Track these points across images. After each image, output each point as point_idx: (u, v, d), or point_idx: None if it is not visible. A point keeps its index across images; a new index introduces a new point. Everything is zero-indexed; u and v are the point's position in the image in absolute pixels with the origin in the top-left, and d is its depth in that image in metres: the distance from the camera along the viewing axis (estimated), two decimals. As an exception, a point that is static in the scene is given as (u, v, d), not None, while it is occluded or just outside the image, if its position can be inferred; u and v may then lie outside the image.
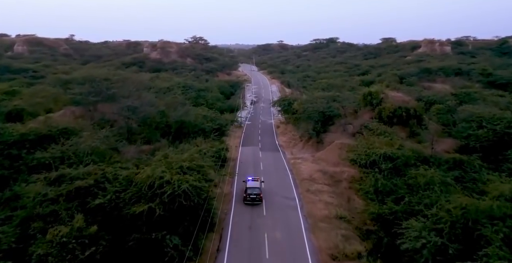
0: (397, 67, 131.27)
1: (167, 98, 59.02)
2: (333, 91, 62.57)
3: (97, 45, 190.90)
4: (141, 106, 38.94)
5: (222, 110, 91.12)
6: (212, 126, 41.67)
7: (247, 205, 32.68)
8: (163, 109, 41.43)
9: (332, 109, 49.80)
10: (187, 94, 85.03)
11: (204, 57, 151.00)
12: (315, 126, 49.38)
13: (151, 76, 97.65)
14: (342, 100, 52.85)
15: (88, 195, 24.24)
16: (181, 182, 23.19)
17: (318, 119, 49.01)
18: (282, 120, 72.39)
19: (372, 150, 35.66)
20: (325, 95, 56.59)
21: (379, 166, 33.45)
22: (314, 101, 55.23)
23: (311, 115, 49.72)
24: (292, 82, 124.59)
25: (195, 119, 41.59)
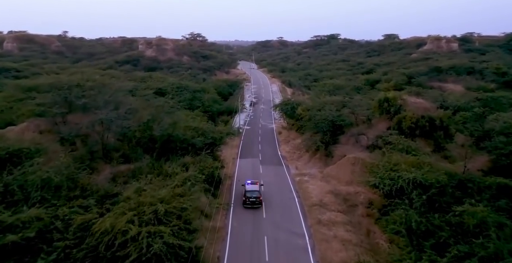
0: (403, 65, 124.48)
1: (157, 103, 52.42)
2: (341, 95, 55.71)
3: (91, 42, 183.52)
4: (118, 118, 32.19)
5: (220, 112, 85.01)
6: (204, 141, 34.90)
7: (246, 248, 26.18)
8: (146, 121, 34.65)
9: (344, 117, 43.07)
10: (181, 95, 78.40)
11: (202, 55, 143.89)
12: (324, 137, 42.69)
13: (143, 75, 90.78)
14: (353, 106, 46.08)
15: (27, 251, 17.66)
16: (153, 239, 16.63)
17: (327, 129, 42.28)
18: (284, 125, 65.75)
19: (398, 173, 28.98)
20: (334, 100, 49.83)
21: (408, 196, 26.81)
22: (321, 107, 48.54)
23: (318, 125, 42.99)
24: (293, 81, 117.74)
25: (184, 132, 34.82)
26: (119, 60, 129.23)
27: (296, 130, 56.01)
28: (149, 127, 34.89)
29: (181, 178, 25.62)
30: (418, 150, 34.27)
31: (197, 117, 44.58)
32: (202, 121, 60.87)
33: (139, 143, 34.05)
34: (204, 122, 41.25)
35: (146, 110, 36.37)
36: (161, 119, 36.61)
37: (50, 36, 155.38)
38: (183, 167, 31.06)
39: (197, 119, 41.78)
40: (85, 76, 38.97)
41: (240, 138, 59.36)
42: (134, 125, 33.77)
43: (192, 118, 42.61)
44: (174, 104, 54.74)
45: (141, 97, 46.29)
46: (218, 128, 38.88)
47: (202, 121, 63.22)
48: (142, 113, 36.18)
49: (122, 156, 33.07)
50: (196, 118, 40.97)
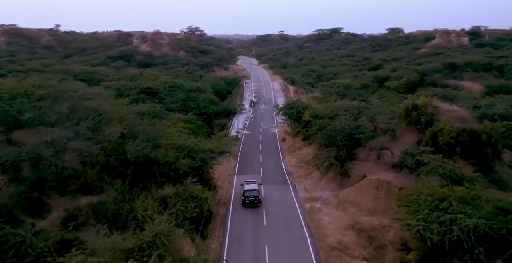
0: (412, 60, 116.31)
1: (141, 109, 44.56)
2: (352, 98, 47.64)
3: (85, 36, 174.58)
4: (77, 136, 24.33)
5: (217, 113, 77.09)
6: (190, 165, 27.00)
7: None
8: (116, 139, 26.79)
9: (363, 129, 35.09)
10: (174, 96, 70.43)
11: (199, 50, 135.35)
12: (339, 152, 34.80)
13: (133, 73, 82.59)
14: (373, 114, 38.14)
15: None
16: None
17: (344, 143, 34.38)
18: (288, 130, 57.94)
19: (448, 215, 21.16)
20: (348, 105, 41.85)
21: (471, 255, 19.01)
22: (333, 114, 40.62)
23: (332, 137, 35.08)
24: (296, 78, 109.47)
25: (166, 152, 26.93)
26: (112, 55, 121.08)
27: (303, 139, 48.12)
28: (120, 146, 27.03)
29: (150, 235, 17.88)
30: (465, 176, 26.39)
31: (185, 130, 36.48)
32: (197, 133, 54.50)
33: (107, 167, 26.21)
34: (193, 136, 32.98)
35: (127, 120, 28.53)
36: (138, 133, 28.74)
37: (40, 30, 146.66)
38: (160, 204, 23.31)
39: (184, 133, 33.56)
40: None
41: (238, 146, 51.56)
42: (102, 145, 25.88)
43: (178, 131, 34.41)
44: (161, 110, 47.00)
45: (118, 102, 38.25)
46: (210, 145, 30.71)
47: (198, 129, 56.60)
48: (113, 127, 28.24)
49: (84, 184, 25.27)
50: (183, 132, 32.69)
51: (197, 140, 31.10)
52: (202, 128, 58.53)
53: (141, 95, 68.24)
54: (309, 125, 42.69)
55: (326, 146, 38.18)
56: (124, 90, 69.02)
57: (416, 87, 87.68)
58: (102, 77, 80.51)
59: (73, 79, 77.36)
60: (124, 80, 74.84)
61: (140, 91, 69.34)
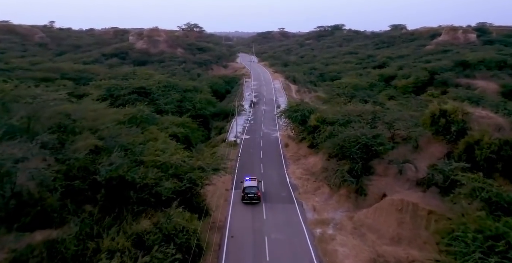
0: (419, 58, 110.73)
1: (126, 112, 39.32)
2: (370, 104, 42.01)
3: (81, 33, 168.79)
4: (31, 153, 19.00)
5: (215, 114, 71.81)
6: (176, 187, 21.63)
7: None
8: (86, 155, 21.47)
9: (382, 139, 29.69)
10: (168, 96, 65.08)
11: (197, 47, 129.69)
12: (353, 166, 29.48)
13: (127, 71, 77.18)
14: (391, 121, 32.78)
15: None
16: None
17: (360, 156, 29.05)
18: (291, 134, 52.66)
19: None
20: (361, 109, 36.43)
21: None
22: (344, 119, 35.26)
23: (346, 148, 29.76)
24: (298, 77, 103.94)
25: (146, 172, 21.56)
26: (106, 53, 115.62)
27: (309, 147, 42.79)
28: (91, 164, 21.75)
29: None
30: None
31: (172, 141, 30.98)
32: (192, 137, 49.27)
33: (72, 191, 20.92)
34: (181, 148, 27.28)
35: (104, 130, 23.22)
36: (115, 147, 23.43)
37: (34, 27, 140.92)
38: (135, 243, 18.04)
39: (171, 145, 28.00)
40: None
41: (237, 153, 46.29)
42: (68, 163, 20.60)
43: (165, 142, 28.86)
44: (150, 114, 41.70)
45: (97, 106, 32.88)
46: (201, 162, 25.14)
47: (193, 133, 51.29)
48: (83, 141, 22.90)
49: (41, 214, 20.02)
50: (169, 146, 27.01)
51: (186, 154, 25.66)
52: (197, 131, 53.35)
53: (133, 95, 63.05)
54: (316, 131, 37.24)
55: (337, 156, 32.86)
56: (115, 90, 63.89)
57: (425, 86, 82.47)
58: (92, 76, 75.17)
59: (61, 78, 72.40)
60: (116, 79, 69.64)
61: (131, 91, 64.15)
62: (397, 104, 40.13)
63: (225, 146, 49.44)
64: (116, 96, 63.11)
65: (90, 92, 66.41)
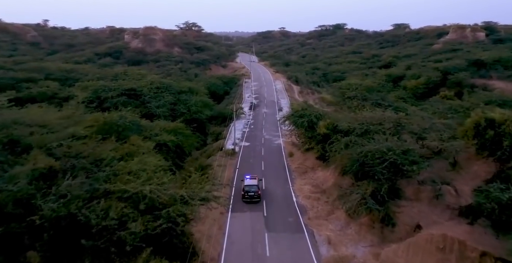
0: (427, 57, 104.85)
1: (103, 118, 33.54)
2: (385, 108, 36.11)
3: (76, 32, 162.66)
4: None
5: (211, 117, 65.79)
6: (148, 231, 15.52)
7: None
8: (24, 185, 15.57)
9: (415, 155, 23.56)
10: (160, 99, 59.11)
11: (195, 46, 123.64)
12: (379, 188, 23.50)
13: (117, 71, 71.18)
14: (420, 131, 26.80)
15: None
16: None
17: (387, 176, 23.06)
18: (295, 141, 46.81)
19: None
20: (381, 116, 30.39)
21: None
22: (363, 128, 29.26)
23: (368, 167, 23.79)
24: (301, 77, 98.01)
25: (105, 210, 15.47)
26: (100, 52, 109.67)
27: (318, 158, 36.84)
28: (34, 196, 15.83)
29: None
30: None
31: (152, 159, 24.94)
32: (185, 144, 43.31)
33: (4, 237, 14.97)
34: (161, 173, 21.02)
35: (61, 147, 17.39)
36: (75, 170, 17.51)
37: (26, 25, 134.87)
38: None
39: (149, 166, 21.69)
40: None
41: (235, 164, 40.39)
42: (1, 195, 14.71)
43: (140, 161, 22.59)
44: (134, 121, 35.70)
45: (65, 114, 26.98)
46: (185, 191, 18.73)
47: (187, 140, 45.23)
48: (32, 161, 16.98)
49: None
50: (147, 166, 20.96)
51: (167, 178, 19.57)
52: (192, 138, 47.40)
53: (122, 98, 57.10)
54: (329, 143, 31.21)
55: (354, 173, 26.89)
56: (102, 92, 57.92)
57: (438, 87, 76.62)
58: (80, 76, 69.29)
59: (45, 78, 66.48)
60: (105, 80, 63.72)
61: (120, 93, 58.17)
62: (422, 109, 34.09)
63: (221, 155, 43.56)
64: (103, 99, 57.21)
65: (75, 94, 60.93)
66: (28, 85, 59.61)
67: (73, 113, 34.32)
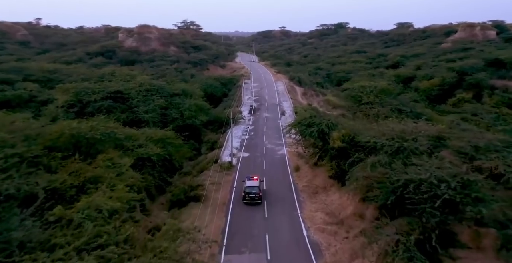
0: (437, 57, 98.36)
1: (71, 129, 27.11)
2: (406, 115, 29.55)
3: (69, 31, 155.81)
4: None
5: (208, 122, 59.18)
6: None
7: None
8: None
9: (477, 190, 16.94)
10: (150, 102, 52.60)
11: (192, 46, 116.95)
12: (427, 233, 16.89)
13: (105, 71, 64.53)
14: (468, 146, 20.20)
15: None
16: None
17: (438, 219, 16.45)
18: (301, 151, 40.34)
19: None
20: (413, 129, 23.68)
21: None
22: (393, 144, 22.65)
23: (412, 204, 17.18)
24: (304, 78, 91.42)
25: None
26: (91, 51, 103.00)
27: (331, 177, 30.27)
28: None
29: None
30: None
31: (119, 193, 18.17)
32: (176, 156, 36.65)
33: None
34: (115, 230, 14.25)
35: None
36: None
37: (16, 24, 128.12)
38: None
39: (108, 204, 14.83)
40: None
41: (231, 182, 33.84)
42: None
43: (88, 214, 15.41)
44: (109, 133, 28.98)
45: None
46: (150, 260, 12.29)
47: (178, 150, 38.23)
48: None
49: None
50: (105, 205, 14.25)
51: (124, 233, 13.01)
52: (183, 148, 40.91)
53: (106, 102, 50.66)
54: (348, 162, 24.67)
55: (385, 206, 20.34)
56: (85, 95, 51.44)
57: (453, 88, 70.11)
58: (63, 77, 62.74)
59: (23, 80, 59.91)
60: (90, 81, 57.21)
61: (105, 96, 51.72)
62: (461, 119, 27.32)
63: (216, 169, 37.01)
64: (86, 103, 50.75)
65: (55, 97, 54.42)
66: (2, 87, 53.05)
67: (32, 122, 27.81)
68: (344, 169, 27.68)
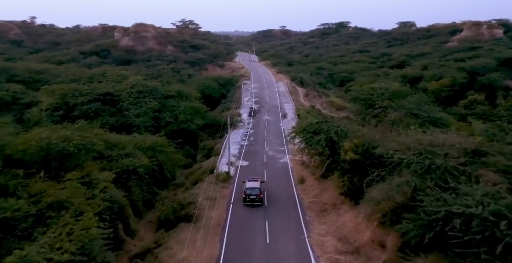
0: (444, 56, 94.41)
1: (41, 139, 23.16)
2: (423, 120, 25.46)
3: (65, 30, 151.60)
4: None
5: (204, 126, 54.89)
6: None
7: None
8: None
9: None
10: (142, 105, 48.67)
11: (190, 45, 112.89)
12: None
13: (95, 71, 60.53)
14: None
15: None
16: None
17: None
18: (306, 160, 36.42)
19: None
20: (450, 142, 19.68)
21: None
22: (424, 162, 18.62)
23: (461, 248, 13.14)
24: (306, 79, 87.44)
25: None
26: (86, 50, 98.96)
27: (343, 194, 26.25)
28: None
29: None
30: None
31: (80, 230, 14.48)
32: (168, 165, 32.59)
33: None
34: None
35: None
36: None
37: (9, 22, 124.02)
38: None
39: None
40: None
41: (228, 197, 29.86)
42: None
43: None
44: (85, 142, 24.93)
45: None
46: None
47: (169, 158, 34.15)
48: None
49: None
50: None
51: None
52: (176, 157, 36.92)
53: (94, 104, 46.77)
54: (365, 181, 20.68)
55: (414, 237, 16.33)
56: (71, 97, 47.52)
57: (464, 89, 66.13)
58: (51, 78, 58.68)
59: (7, 81, 55.81)
60: (79, 82, 53.30)
61: (94, 98, 47.83)
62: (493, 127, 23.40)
63: (211, 180, 33.05)
64: (72, 106, 46.77)
65: (39, 100, 50.44)
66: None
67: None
68: (358, 185, 23.82)
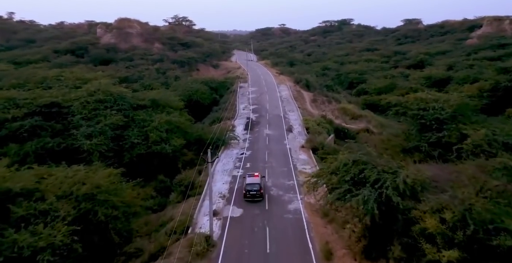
0: (468, 54, 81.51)
1: None
2: None
3: (47, 27, 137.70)
4: None
5: (187, 144, 41.83)
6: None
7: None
8: None
9: None
10: (99, 120, 35.35)
11: (180, 42, 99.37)
12: None
13: (49, 74, 47.00)
14: None
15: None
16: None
17: None
18: (323, 205, 23.22)
19: None
20: None
21: None
22: None
23: None
24: (312, 81, 74.12)
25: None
26: (60, 48, 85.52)
27: None
28: None
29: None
30: None
31: None
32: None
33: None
34: None
35: None
36: None
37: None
38: None
39: None
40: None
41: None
42: None
43: None
44: None
45: None
46: None
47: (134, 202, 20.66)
48: None
49: None
50: None
51: None
52: (134, 204, 23.77)
53: (32, 120, 33.37)
54: None
55: None
56: (4, 109, 34.29)
57: (509, 94, 53.26)
58: (-7, 82, 45.36)
59: None
60: (24, 88, 40.16)
61: (33, 111, 34.52)
62: None
63: (184, 249, 20.01)
64: (2, 122, 33.66)
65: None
66: None
67: None
68: None
